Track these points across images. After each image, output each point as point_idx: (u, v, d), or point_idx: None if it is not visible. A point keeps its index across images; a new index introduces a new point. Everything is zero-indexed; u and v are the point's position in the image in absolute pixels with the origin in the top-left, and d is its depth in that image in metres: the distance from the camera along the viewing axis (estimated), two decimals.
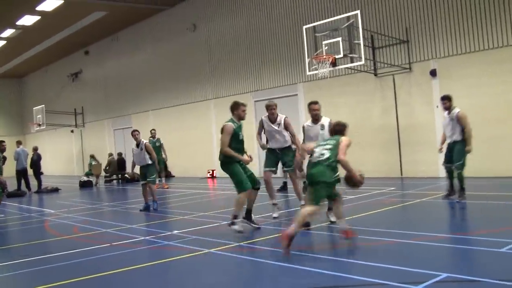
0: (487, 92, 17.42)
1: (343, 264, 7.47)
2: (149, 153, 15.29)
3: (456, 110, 12.68)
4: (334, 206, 9.14)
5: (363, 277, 6.53)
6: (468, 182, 15.85)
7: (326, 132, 10.74)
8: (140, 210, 15.12)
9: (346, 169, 8.36)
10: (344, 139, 8.59)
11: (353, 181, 8.46)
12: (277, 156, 11.94)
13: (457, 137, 12.67)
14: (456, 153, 12.74)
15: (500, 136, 17.09)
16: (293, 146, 12.04)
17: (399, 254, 7.82)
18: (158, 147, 21.72)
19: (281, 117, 11.80)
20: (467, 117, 12.59)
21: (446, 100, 12.90)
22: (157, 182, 16.51)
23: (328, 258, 7.83)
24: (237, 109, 10.46)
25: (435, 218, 11.13)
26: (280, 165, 12.07)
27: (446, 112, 12.88)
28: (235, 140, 10.31)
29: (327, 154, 8.42)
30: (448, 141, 12.95)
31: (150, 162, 15.31)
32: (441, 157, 18.28)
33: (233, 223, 10.00)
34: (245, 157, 10.60)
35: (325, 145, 8.66)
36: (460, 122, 12.54)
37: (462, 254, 7.50)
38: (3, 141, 18.00)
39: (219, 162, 10.58)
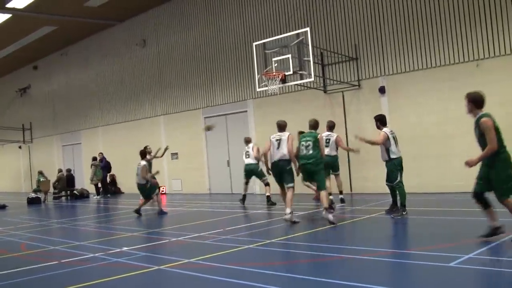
0: (434, 110, 17.73)
1: (293, 280, 7.50)
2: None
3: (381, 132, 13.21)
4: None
5: None
6: (415, 198, 16.15)
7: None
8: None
9: None
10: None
11: None
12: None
13: (384, 157, 13.51)
14: (388, 173, 13.45)
15: (446, 153, 17.38)
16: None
17: (349, 269, 7.90)
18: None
19: None
20: (382, 137, 13.30)
21: (375, 121, 13.60)
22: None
23: (278, 275, 7.85)
24: None
25: (383, 233, 11.27)
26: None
27: None
28: None
29: None
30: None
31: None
32: None
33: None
34: None
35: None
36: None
37: (411, 269, 7.61)
38: None
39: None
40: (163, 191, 26.20)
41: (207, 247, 10.41)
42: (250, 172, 17.99)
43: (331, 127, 16.27)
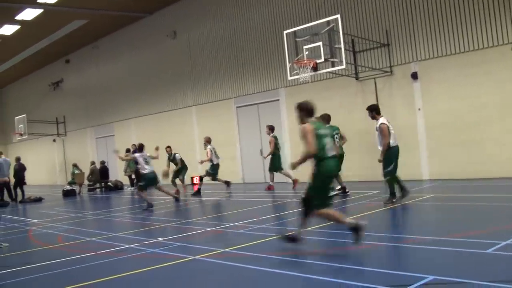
0: (467, 95, 17.49)
1: (329, 268, 7.46)
2: None
3: (379, 121, 13.22)
4: None
5: (349, 280, 6.51)
6: (449, 184, 15.99)
7: None
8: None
9: None
10: None
11: None
12: None
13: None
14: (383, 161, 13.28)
15: (480, 138, 17.18)
16: None
17: (385, 257, 7.84)
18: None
19: None
20: (385, 131, 13.21)
21: (368, 111, 13.59)
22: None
23: (314, 263, 7.82)
24: None
25: (419, 220, 11.17)
26: None
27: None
28: None
29: None
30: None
31: None
32: (425, 159, 18.52)
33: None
34: None
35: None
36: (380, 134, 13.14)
37: (447, 256, 7.51)
38: None
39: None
40: (197, 181, 26.25)
41: (242, 236, 10.41)
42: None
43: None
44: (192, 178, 25.01)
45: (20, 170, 27.29)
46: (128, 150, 29.44)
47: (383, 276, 6.65)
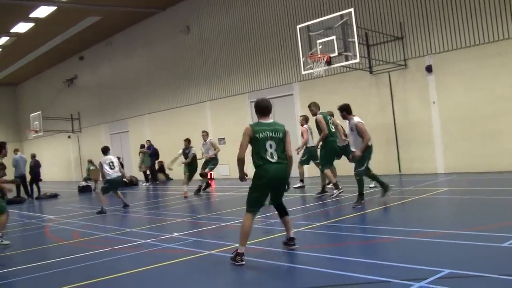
0: (483, 87, 17.41)
1: (344, 262, 7.46)
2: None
3: (353, 121, 12.68)
4: None
5: (365, 275, 6.51)
6: (465, 177, 15.94)
7: None
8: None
9: None
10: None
11: None
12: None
13: (357, 145, 12.62)
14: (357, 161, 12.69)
15: (497, 131, 17.09)
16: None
17: (401, 251, 7.83)
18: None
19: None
20: (365, 130, 12.54)
21: (339, 111, 13.00)
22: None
23: (329, 257, 7.82)
24: None
25: (434, 214, 11.13)
26: None
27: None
28: None
29: None
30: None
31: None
32: (440, 153, 18.45)
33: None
34: None
35: None
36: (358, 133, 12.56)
37: (463, 250, 7.49)
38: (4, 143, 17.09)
39: None
40: (211, 176, 26.26)
41: (258, 231, 10.41)
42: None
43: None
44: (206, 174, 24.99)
45: (35, 167, 27.47)
46: (142, 146, 29.55)
47: (398, 270, 6.64)
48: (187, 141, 20.39)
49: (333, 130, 14.92)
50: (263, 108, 8.21)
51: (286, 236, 8.41)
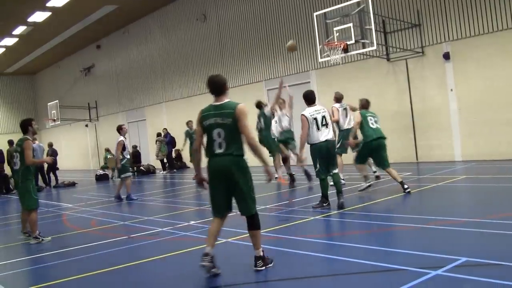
0: (501, 74, 17.23)
1: (361, 250, 7.45)
2: None
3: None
4: None
5: (382, 263, 6.51)
6: (485, 165, 15.86)
7: None
8: None
9: None
10: None
11: None
12: None
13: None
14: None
15: None
16: None
17: (418, 239, 7.81)
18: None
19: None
20: (302, 122, 11.01)
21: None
22: None
23: (346, 245, 7.82)
24: None
25: (451, 202, 11.09)
26: None
27: None
28: None
29: None
30: None
31: None
32: (457, 141, 18.35)
33: None
34: None
35: None
36: None
37: (480, 238, 7.47)
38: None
39: None
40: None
41: (274, 219, 10.44)
42: None
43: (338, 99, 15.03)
44: None
45: (52, 155, 27.63)
46: (159, 134, 29.63)
47: (415, 257, 6.62)
48: (191, 122, 20.98)
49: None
50: (211, 86, 7.04)
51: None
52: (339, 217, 10.14)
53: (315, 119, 10.89)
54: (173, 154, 30.04)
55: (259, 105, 16.50)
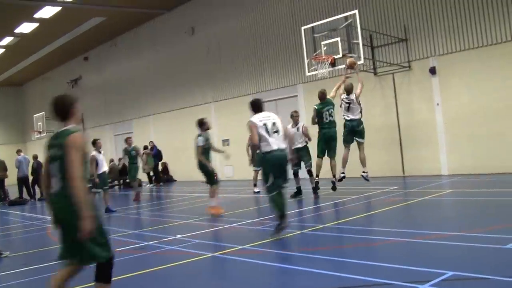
0: (487, 89, 17.35)
1: (347, 264, 7.42)
2: None
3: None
4: None
5: (368, 277, 6.49)
6: (470, 179, 15.89)
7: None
8: None
9: None
10: None
11: None
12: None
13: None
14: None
15: (501, 133, 17.05)
16: None
17: (404, 253, 7.80)
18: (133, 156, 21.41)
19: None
20: (250, 128, 10.06)
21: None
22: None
23: (332, 259, 7.80)
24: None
25: (438, 216, 11.10)
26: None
27: None
28: None
29: None
30: None
31: None
32: (444, 154, 18.43)
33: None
34: None
35: None
36: None
37: (466, 252, 7.47)
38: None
39: None
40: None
41: (261, 233, 10.41)
42: None
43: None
44: None
45: (38, 168, 27.46)
46: (145, 147, 29.54)
47: (402, 272, 6.60)
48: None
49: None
50: (53, 110, 6.12)
51: None
52: (325, 231, 10.12)
53: (265, 124, 9.98)
54: (160, 167, 29.97)
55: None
